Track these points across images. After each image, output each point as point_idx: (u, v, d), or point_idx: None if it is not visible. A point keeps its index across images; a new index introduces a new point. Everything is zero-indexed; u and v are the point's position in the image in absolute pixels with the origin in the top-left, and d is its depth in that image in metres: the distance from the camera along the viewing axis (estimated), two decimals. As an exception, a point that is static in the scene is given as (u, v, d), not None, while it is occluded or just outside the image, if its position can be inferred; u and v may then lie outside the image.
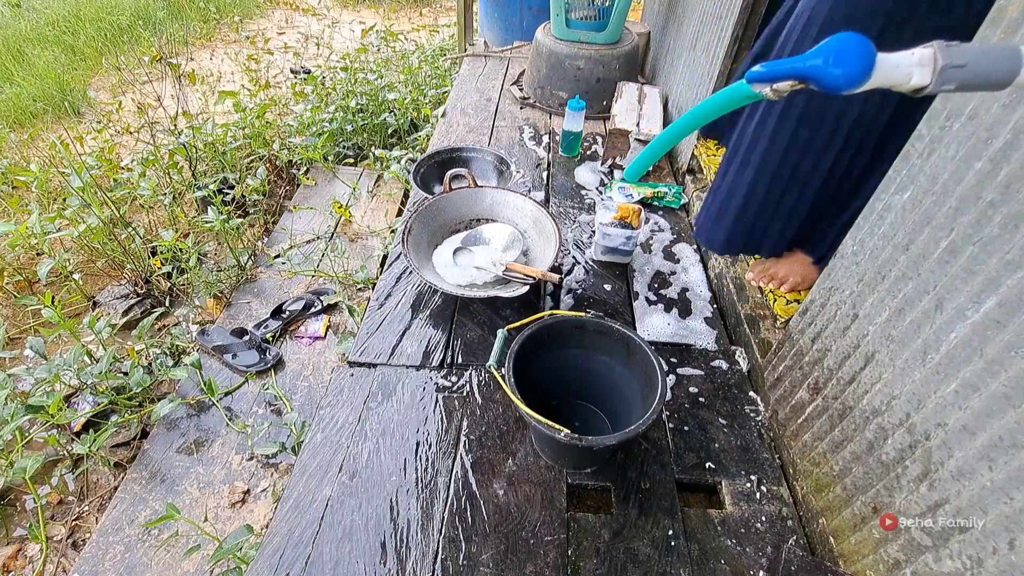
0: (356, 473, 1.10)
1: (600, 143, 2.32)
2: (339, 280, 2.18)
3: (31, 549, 1.48)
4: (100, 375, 1.63)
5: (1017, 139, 0.67)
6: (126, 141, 3.15)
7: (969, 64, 0.50)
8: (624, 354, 1.12)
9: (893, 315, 0.87)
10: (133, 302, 2.16)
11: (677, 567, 0.98)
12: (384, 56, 4.04)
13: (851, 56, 0.54)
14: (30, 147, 3.01)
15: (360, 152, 3.16)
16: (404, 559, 0.98)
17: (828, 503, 1.01)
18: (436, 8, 6.16)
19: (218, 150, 2.66)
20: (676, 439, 1.19)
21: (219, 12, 5.35)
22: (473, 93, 2.71)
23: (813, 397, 1.08)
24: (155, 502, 1.49)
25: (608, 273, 1.62)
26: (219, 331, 1.94)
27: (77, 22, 4.63)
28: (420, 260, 1.47)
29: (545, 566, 0.97)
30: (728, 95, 0.65)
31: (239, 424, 1.65)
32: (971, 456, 0.72)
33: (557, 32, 2.45)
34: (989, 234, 0.70)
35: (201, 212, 2.51)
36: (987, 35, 0.74)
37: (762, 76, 0.60)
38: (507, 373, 1.01)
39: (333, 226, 2.51)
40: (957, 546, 0.73)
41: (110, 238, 2.12)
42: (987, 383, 0.70)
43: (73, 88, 3.69)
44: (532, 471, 1.12)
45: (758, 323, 1.38)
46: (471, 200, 1.65)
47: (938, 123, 0.81)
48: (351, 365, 1.33)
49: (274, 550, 0.99)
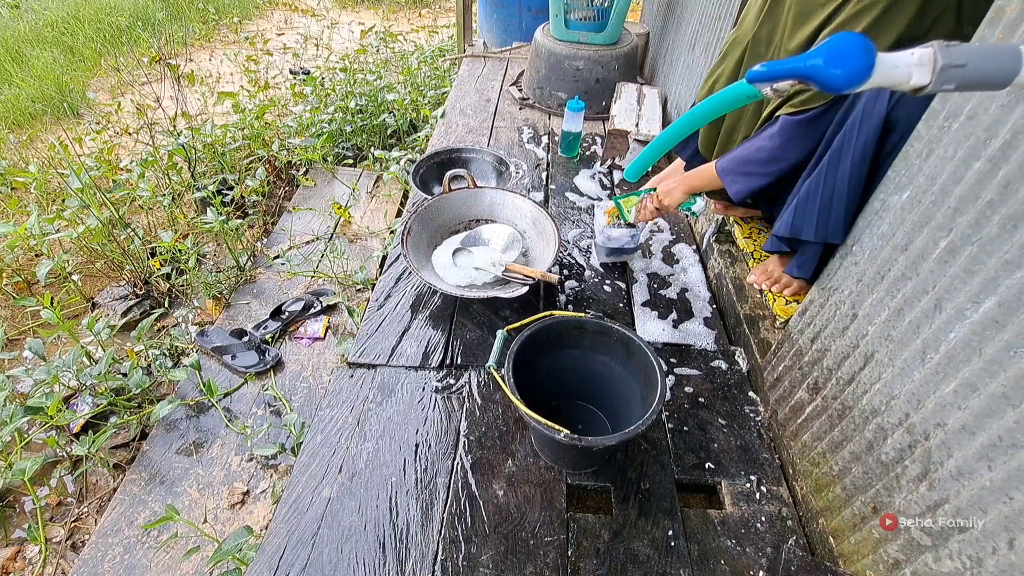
0: (355, 474, 1.10)
1: (599, 143, 2.33)
2: (338, 281, 2.18)
3: (30, 551, 1.48)
4: (99, 376, 1.62)
5: (1016, 139, 0.67)
6: (125, 142, 3.15)
7: (969, 64, 0.51)
8: (624, 354, 1.12)
9: (892, 315, 0.88)
10: (132, 303, 2.16)
11: (677, 567, 0.98)
12: (383, 57, 4.05)
13: (851, 56, 0.54)
14: (29, 148, 3.01)
15: (359, 153, 3.16)
16: (404, 560, 0.97)
17: (828, 503, 1.01)
18: (435, 9, 6.17)
19: (217, 151, 2.66)
20: (676, 439, 1.19)
21: (218, 13, 5.35)
22: (472, 94, 2.71)
23: (812, 397, 1.08)
24: (154, 503, 1.48)
25: (608, 273, 1.62)
26: (218, 332, 1.94)
27: (76, 23, 4.63)
28: (419, 261, 1.46)
29: (545, 567, 0.97)
30: (728, 95, 0.65)
31: (238, 425, 1.64)
32: (970, 456, 0.72)
33: (556, 33, 2.46)
34: (988, 234, 0.71)
35: (200, 213, 2.50)
36: (986, 35, 0.74)
37: (762, 76, 0.60)
38: (507, 374, 1.01)
39: (332, 227, 2.51)
40: (957, 546, 0.73)
41: (109, 239, 2.12)
42: (986, 383, 0.70)
43: (72, 89, 3.69)
44: (532, 472, 1.12)
45: (757, 323, 1.38)
46: (470, 201, 1.65)
47: (937, 123, 0.81)
48: (350, 366, 1.33)
49: (273, 551, 0.99)
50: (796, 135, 1.13)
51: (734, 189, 1.25)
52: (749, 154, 1.22)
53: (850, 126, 1.04)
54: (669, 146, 0.87)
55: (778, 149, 1.16)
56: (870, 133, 1.01)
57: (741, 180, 1.24)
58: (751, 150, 1.21)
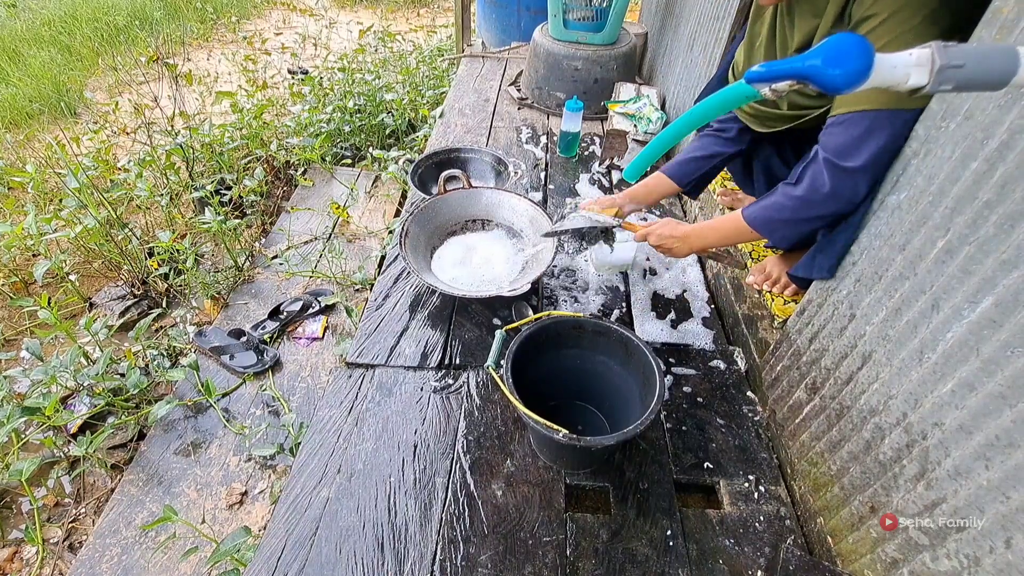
0: (354, 474, 1.10)
1: (598, 144, 2.33)
2: (337, 281, 2.18)
3: (27, 551, 1.48)
4: (97, 377, 1.62)
5: (1013, 139, 0.67)
6: (123, 142, 3.15)
7: (967, 64, 0.51)
8: (622, 354, 1.12)
9: (890, 315, 0.88)
10: (130, 303, 2.15)
11: (675, 567, 0.98)
12: (382, 57, 4.04)
13: (850, 56, 0.54)
14: (26, 148, 3.00)
15: (358, 153, 3.16)
16: (402, 560, 0.97)
17: (826, 503, 1.01)
18: (434, 9, 6.17)
19: (215, 151, 2.66)
20: (674, 439, 1.20)
21: (216, 12, 5.35)
22: (471, 94, 2.71)
23: (811, 397, 1.08)
24: (152, 504, 1.48)
25: (606, 273, 1.62)
26: (216, 332, 1.93)
27: (73, 22, 4.62)
28: (418, 262, 1.46)
29: (544, 566, 0.97)
30: (727, 95, 0.65)
31: (237, 425, 1.64)
32: (968, 455, 0.72)
33: (555, 33, 2.46)
34: (985, 234, 0.71)
35: (198, 213, 2.50)
36: (983, 36, 0.74)
37: (761, 76, 0.60)
38: (505, 374, 1.01)
39: (331, 227, 2.50)
40: (954, 545, 0.74)
41: (107, 239, 2.11)
42: (983, 382, 0.70)
43: (69, 88, 3.68)
44: (530, 472, 1.12)
45: (756, 323, 1.39)
46: (468, 201, 1.65)
47: (934, 124, 0.81)
48: (349, 366, 1.32)
49: (272, 552, 0.99)
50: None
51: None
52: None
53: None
54: (669, 146, 0.87)
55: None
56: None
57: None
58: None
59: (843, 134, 0.94)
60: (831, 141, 0.97)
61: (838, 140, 0.95)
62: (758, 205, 1.12)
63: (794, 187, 1.04)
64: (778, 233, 1.10)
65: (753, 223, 1.12)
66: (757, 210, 1.11)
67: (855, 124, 0.93)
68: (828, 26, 1.01)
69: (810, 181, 1.01)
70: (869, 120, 0.91)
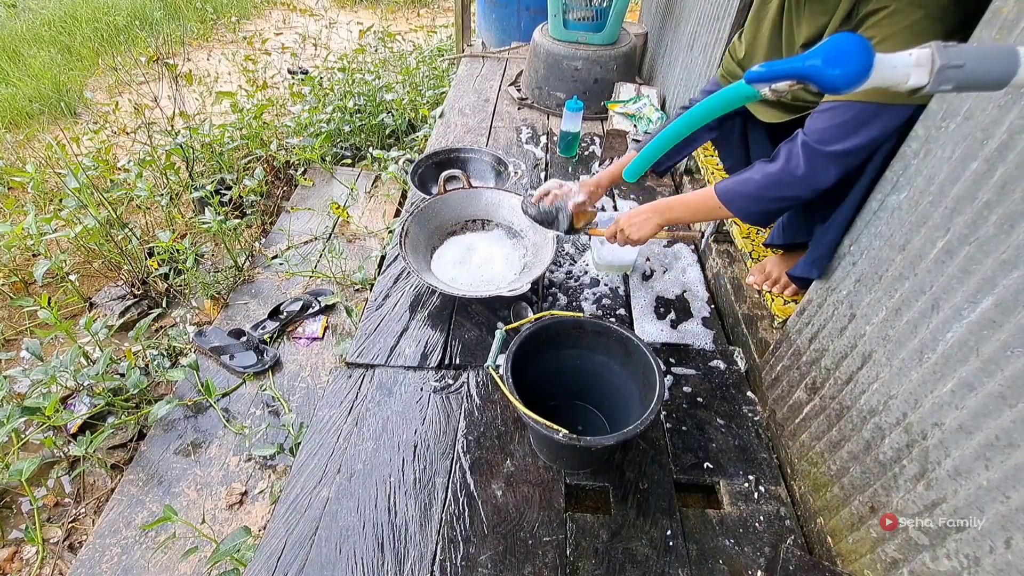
0: (354, 474, 1.10)
1: (598, 144, 2.33)
2: (337, 281, 2.18)
3: (27, 551, 1.48)
4: (97, 376, 1.62)
5: (1012, 139, 0.67)
6: (123, 142, 3.14)
7: (967, 64, 0.50)
8: (622, 354, 1.12)
9: (890, 315, 0.88)
10: (130, 303, 2.15)
11: (675, 567, 0.98)
12: (382, 57, 4.04)
13: (849, 56, 0.54)
14: (26, 148, 3.00)
15: (358, 153, 3.16)
16: (402, 560, 0.97)
17: (826, 503, 1.01)
18: (433, 9, 6.17)
19: (215, 151, 2.66)
20: (674, 439, 1.20)
21: (216, 12, 5.34)
22: (471, 94, 2.71)
23: (811, 397, 1.08)
24: (152, 504, 1.48)
25: (606, 273, 1.62)
26: (216, 332, 1.93)
27: (73, 22, 4.62)
28: (418, 262, 1.46)
29: (543, 566, 0.97)
30: (727, 95, 0.65)
31: (237, 425, 1.64)
32: (968, 455, 0.72)
33: (555, 33, 2.46)
34: (985, 234, 0.71)
35: (198, 213, 2.50)
36: (983, 36, 0.74)
37: (761, 76, 0.60)
38: (505, 374, 1.01)
39: (331, 227, 2.50)
40: (954, 545, 0.74)
41: (107, 239, 2.11)
42: (983, 383, 0.70)
43: (69, 88, 3.68)
44: (530, 472, 1.12)
45: (756, 323, 1.39)
46: (467, 201, 1.65)
47: (934, 123, 0.81)
48: (349, 366, 1.32)
49: (272, 552, 0.99)
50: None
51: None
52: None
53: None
54: (669, 146, 0.87)
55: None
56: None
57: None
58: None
59: (828, 120, 0.96)
60: (814, 125, 0.99)
61: (822, 125, 0.97)
62: (731, 179, 1.13)
63: (770, 164, 1.06)
64: (743, 209, 1.10)
65: (722, 196, 1.12)
66: (729, 183, 1.12)
67: (841, 112, 0.94)
68: (837, 24, 1.01)
69: (784, 161, 1.02)
70: (856, 110, 0.93)
